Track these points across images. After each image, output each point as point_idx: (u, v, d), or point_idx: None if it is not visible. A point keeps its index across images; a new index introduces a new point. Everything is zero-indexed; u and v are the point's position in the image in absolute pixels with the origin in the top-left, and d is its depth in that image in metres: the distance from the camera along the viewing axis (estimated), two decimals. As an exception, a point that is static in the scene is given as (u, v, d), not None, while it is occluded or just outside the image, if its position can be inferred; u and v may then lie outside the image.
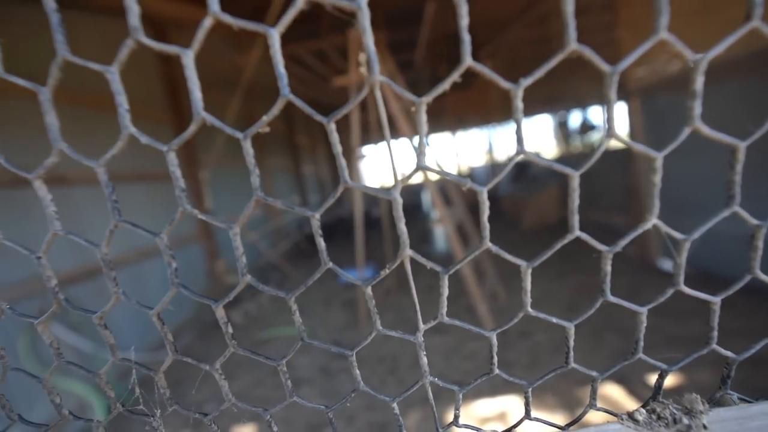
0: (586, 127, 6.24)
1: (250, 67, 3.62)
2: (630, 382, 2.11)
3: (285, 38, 4.37)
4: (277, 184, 6.53)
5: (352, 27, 2.89)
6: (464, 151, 11.69)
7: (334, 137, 0.26)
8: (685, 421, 0.31)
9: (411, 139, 3.00)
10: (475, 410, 2.12)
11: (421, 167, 0.26)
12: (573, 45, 0.24)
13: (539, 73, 0.25)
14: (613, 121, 0.26)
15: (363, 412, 2.30)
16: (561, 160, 6.57)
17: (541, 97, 7.13)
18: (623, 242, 0.28)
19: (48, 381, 0.37)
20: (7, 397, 0.39)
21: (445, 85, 0.25)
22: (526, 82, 0.25)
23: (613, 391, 2.05)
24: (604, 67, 0.25)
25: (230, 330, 0.31)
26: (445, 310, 0.30)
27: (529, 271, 0.29)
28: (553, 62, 0.25)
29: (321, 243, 0.28)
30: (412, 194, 9.76)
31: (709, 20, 2.60)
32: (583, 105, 6.24)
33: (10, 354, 0.40)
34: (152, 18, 3.56)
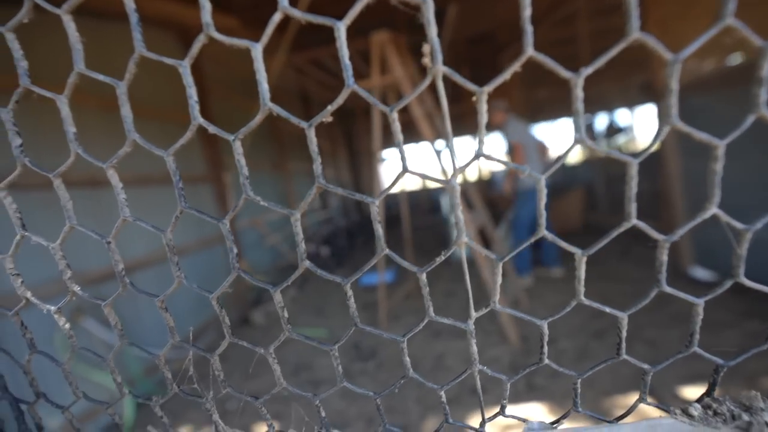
0: (613, 129, 6.10)
1: (274, 72, 3.70)
2: (659, 393, 2.04)
3: (307, 42, 4.42)
4: (299, 188, 6.63)
5: (374, 31, 2.92)
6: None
7: (396, 126, 0.27)
8: (746, 417, 0.31)
9: (433, 143, 3.00)
10: (498, 417, 2.09)
11: (480, 155, 0.27)
12: (636, 34, 0.25)
13: (600, 62, 0.26)
14: (674, 109, 0.26)
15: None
16: (586, 163, 6.44)
17: (565, 101, 7.00)
18: (681, 231, 0.28)
19: (111, 361, 0.39)
20: (40, 382, 0.42)
21: (506, 75, 0.26)
22: (587, 71, 0.26)
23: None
24: (666, 55, 0.25)
25: (286, 314, 0.33)
26: (497, 297, 0.31)
27: (584, 259, 0.29)
28: (613, 51, 0.25)
29: (379, 230, 0.29)
30: (431, 197, 9.72)
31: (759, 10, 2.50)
32: (609, 108, 6.11)
33: (43, 346, 0.43)
34: (179, 25, 3.70)
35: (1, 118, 0.34)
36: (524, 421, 0.35)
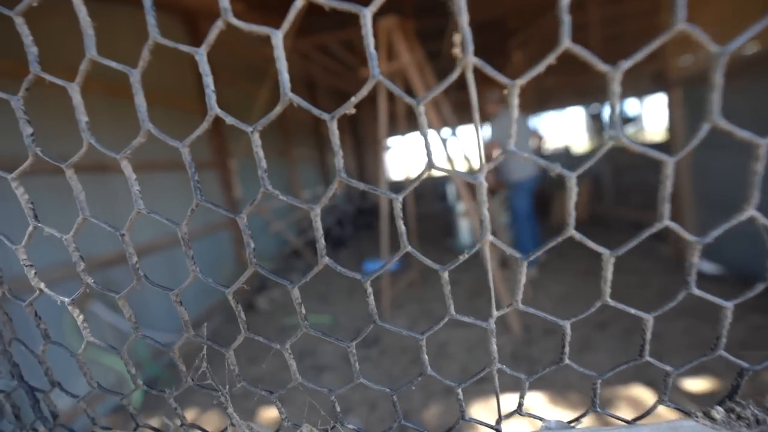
0: (622, 119, 6.01)
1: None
2: (658, 386, 2.05)
3: (312, 28, 4.34)
4: (303, 175, 6.60)
5: (381, 16, 2.86)
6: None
7: (423, 120, 0.25)
8: (770, 421, 0.30)
9: (439, 132, 2.97)
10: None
11: (507, 152, 0.26)
12: (681, 25, 0.23)
13: (640, 55, 0.24)
14: (716, 105, 0.25)
15: (385, 400, 2.33)
16: (593, 154, 6.35)
17: (573, 89, 6.87)
18: (715, 233, 0.27)
19: (125, 353, 0.39)
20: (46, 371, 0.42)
21: (540, 68, 0.25)
22: (626, 64, 0.25)
23: (641, 393, 2.00)
24: (712, 47, 0.24)
25: (303, 311, 0.32)
26: (520, 297, 0.30)
27: (612, 260, 0.28)
28: (656, 43, 0.24)
29: (401, 226, 0.28)
30: (436, 186, 9.68)
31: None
32: (619, 97, 6.02)
33: (52, 330, 0.43)
34: (183, 9, 3.64)
35: (12, 106, 0.34)
36: (541, 419, 0.35)
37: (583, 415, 0.35)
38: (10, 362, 0.43)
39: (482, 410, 2.11)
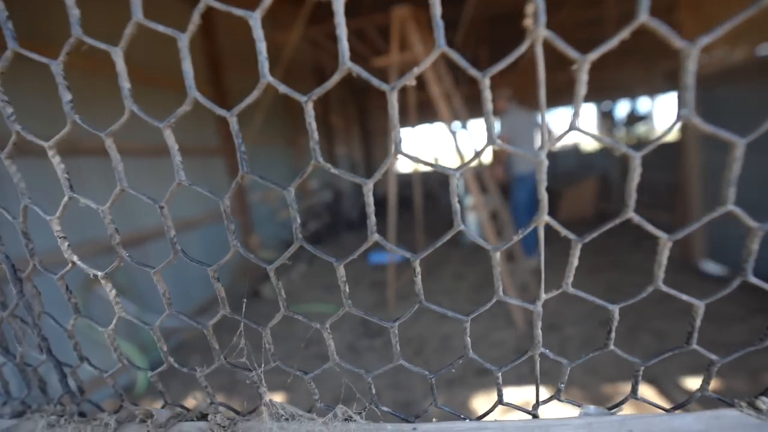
0: (634, 117, 5.92)
1: (291, 45, 3.61)
2: (662, 383, 2.05)
3: (323, 16, 4.30)
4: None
5: (395, 6, 2.83)
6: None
7: (487, 94, 0.25)
8: (821, 414, 0.30)
9: (449, 125, 2.94)
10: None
11: (574, 128, 0.25)
12: (769, -3, 0.22)
13: (721, 31, 0.23)
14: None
15: (388, 390, 2.35)
16: (603, 152, 6.29)
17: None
18: (780, 220, 0.26)
19: (157, 329, 0.39)
20: (64, 352, 0.42)
21: (613, 43, 0.24)
22: (704, 40, 0.24)
23: (643, 392, 2.00)
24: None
25: (347, 290, 0.32)
26: (570, 279, 0.29)
27: (669, 244, 0.27)
28: (742, 17, 0.23)
29: (456, 205, 0.27)
30: (441, 180, 9.64)
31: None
32: (631, 95, 5.91)
33: (64, 313, 0.42)
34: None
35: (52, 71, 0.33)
36: (579, 405, 0.34)
37: (622, 402, 0.35)
38: (40, 336, 0.43)
39: (485, 402, 2.12)
